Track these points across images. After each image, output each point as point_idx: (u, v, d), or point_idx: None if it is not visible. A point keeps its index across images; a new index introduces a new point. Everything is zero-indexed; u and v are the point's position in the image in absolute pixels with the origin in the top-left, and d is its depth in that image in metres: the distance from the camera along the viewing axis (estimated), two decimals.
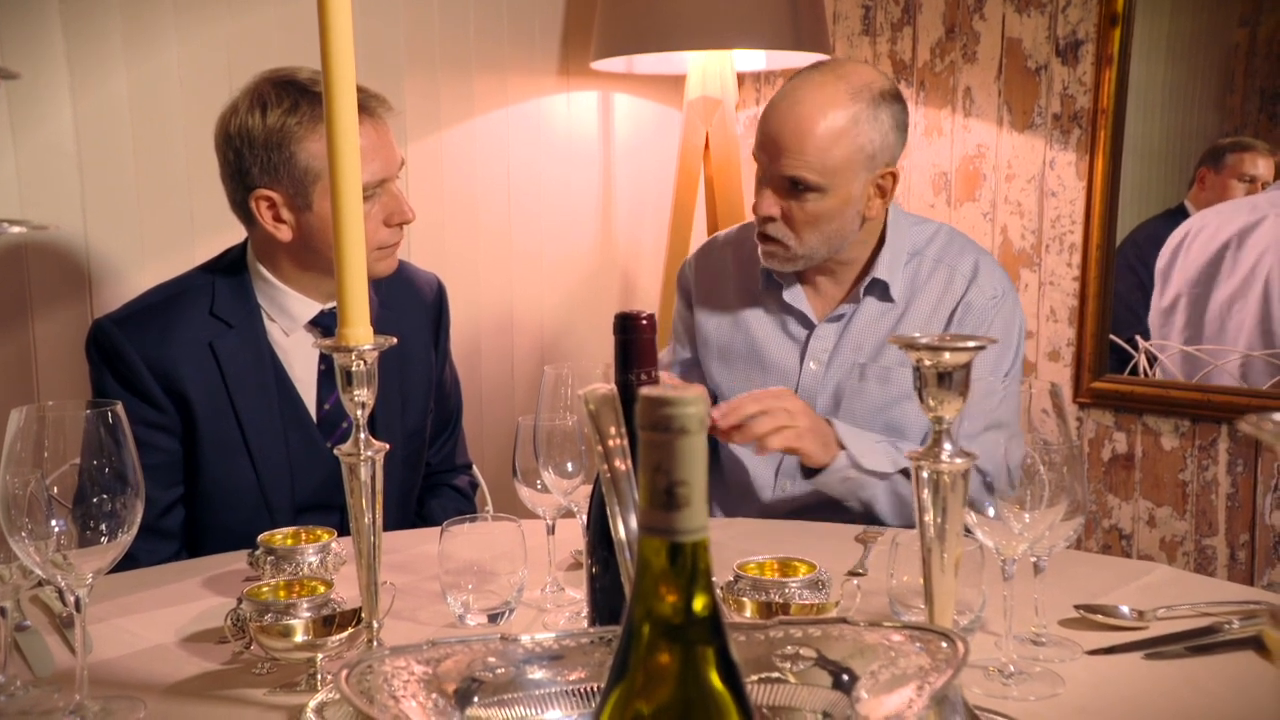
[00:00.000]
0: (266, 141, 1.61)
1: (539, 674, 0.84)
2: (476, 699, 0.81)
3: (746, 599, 1.19)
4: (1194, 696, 1.09)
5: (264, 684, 1.14)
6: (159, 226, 2.15)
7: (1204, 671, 1.14)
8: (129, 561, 1.18)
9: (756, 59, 2.78)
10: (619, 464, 0.81)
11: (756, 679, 0.83)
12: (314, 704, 1.06)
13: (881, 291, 1.84)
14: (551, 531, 1.40)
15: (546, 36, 2.79)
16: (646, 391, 0.53)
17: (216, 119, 1.67)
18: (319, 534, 1.39)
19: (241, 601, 1.15)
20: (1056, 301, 2.63)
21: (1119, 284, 2.57)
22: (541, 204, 2.82)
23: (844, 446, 1.69)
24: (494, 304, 2.76)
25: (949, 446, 0.94)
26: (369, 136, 1.61)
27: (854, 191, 1.75)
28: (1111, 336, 2.58)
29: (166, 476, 1.67)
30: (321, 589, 1.16)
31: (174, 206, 2.17)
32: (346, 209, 1.02)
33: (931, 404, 0.94)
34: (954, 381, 0.93)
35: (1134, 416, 2.56)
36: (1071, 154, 2.57)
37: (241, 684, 1.14)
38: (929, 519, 0.94)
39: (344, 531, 1.30)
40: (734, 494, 1.93)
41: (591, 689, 0.84)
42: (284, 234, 1.66)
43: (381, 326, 1.08)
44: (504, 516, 1.36)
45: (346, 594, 1.17)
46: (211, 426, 1.67)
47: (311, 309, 1.72)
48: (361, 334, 1.05)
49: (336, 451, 1.08)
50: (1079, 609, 1.28)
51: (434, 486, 1.97)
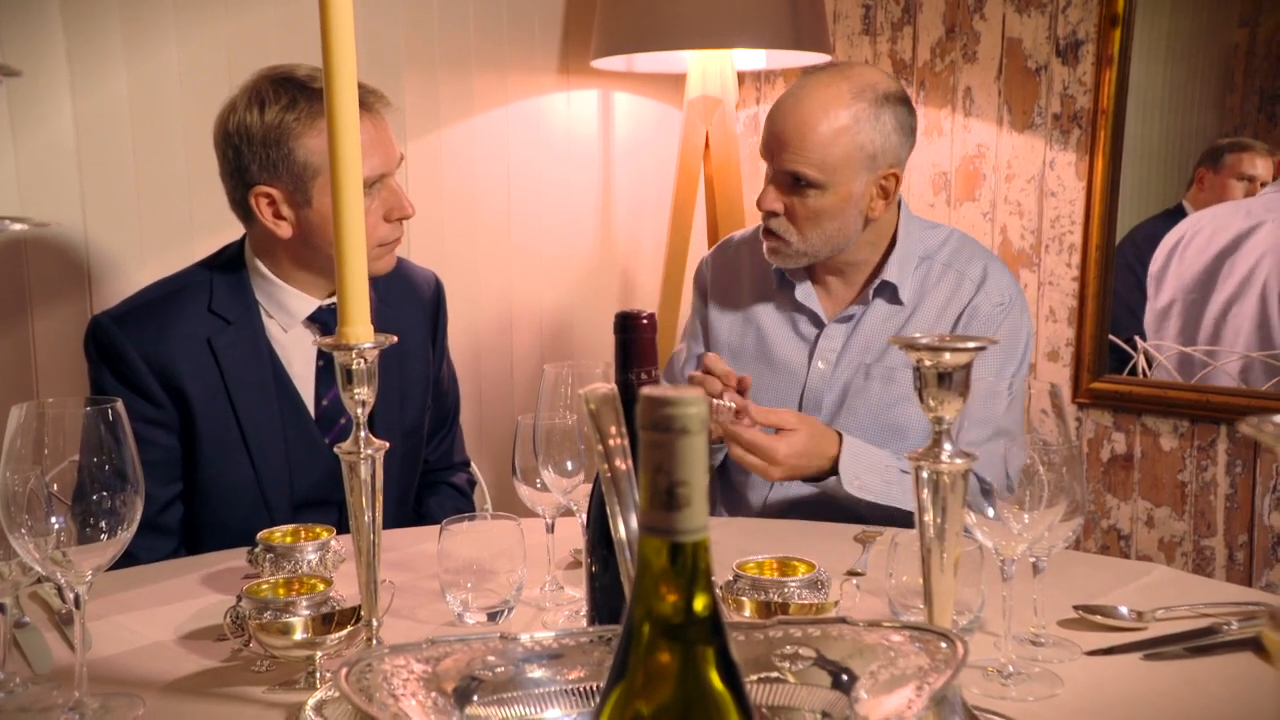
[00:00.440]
0: (265, 138, 1.61)
1: (538, 673, 0.84)
2: (476, 698, 0.81)
3: (746, 598, 1.19)
4: (1193, 697, 1.09)
5: (263, 681, 1.14)
6: (159, 225, 2.15)
7: (1203, 672, 1.14)
8: (127, 558, 1.18)
9: (757, 58, 2.78)
10: (619, 463, 0.81)
11: (756, 679, 0.83)
12: (313, 702, 1.06)
13: (891, 294, 1.85)
14: (551, 530, 1.40)
15: (546, 35, 2.79)
16: (647, 391, 0.53)
17: (215, 117, 1.67)
18: (318, 532, 1.39)
19: (241, 599, 1.15)
20: (1056, 302, 2.63)
21: (1117, 284, 2.57)
22: (541, 202, 2.82)
23: (838, 470, 1.69)
24: (493, 302, 2.76)
25: (949, 447, 0.94)
26: (367, 132, 1.61)
27: (855, 190, 1.77)
28: (1110, 337, 2.58)
29: (165, 473, 1.67)
30: (321, 587, 1.16)
31: (173, 205, 2.17)
32: (347, 207, 1.02)
33: (932, 404, 0.94)
34: (954, 382, 0.93)
35: (1133, 417, 2.56)
36: (1071, 154, 2.57)
37: (240, 681, 1.15)
38: (928, 519, 0.94)
39: (343, 530, 1.30)
40: (736, 489, 1.94)
41: (591, 688, 0.84)
42: (284, 230, 1.66)
43: (380, 324, 1.08)
44: (503, 515, 1.37)
45: (346, 592, 1.17)
46: (210, 423, 1.67)
47: (309, 305, 1.72)
48: (362, 332, 1.05)
49: (336, 449, 1.08)
50: (1078, 609, 1.28)
51: (432, 484, 1.97)
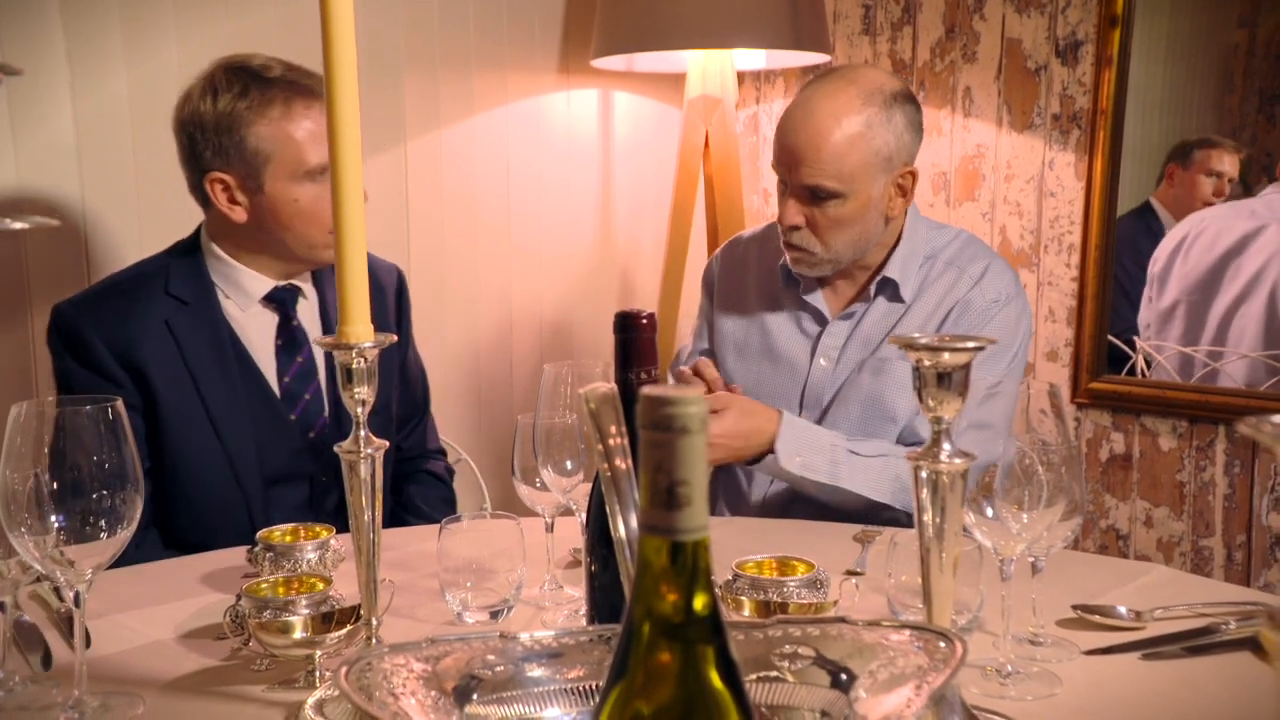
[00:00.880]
0: (217, 126, 1.68)
1: (538, 672, 0.84)
2: (475, 696, 0.82)
3: (745, 598, 1.19)
4: (1191, 697, 1.09)
5: (262, 680, 1.14)
6: (158, 225, 2.15)
7: (1201, 672, 1.14)
8: None
9: (756, 58, 2.78)
10: (619, 463, 0.81)
11: (755, 678, 0.83)
12: (313, 701, 1.06)
13: (892, 291, 1.86)
14: (550, 529, 1.40)
15: (546, 34, 2.79)
16: (648, 391, 0.53)
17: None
18: (318, 531, 1.40)
19: (240, 598, 1.15)
20: (1055, 302, 2.63)
21: None
22: (541, 202, 2.82)
23: (774, 449, 1.69)
24: (493, 302, 2.76)
25: (948, 447, 0.94)
26: (319, 120, 1.68)
27: (874, 193, 1.77)
28: (1110, 338, 2.58)
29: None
30: (320, 586, 1.16)
31: (173, 205, 2.16)
32: (348, 207, 1.02)
33: (931, 404, 0.94)
34: (953, 382, 0.93)
35: (1132, 417, 2.56)
36: (1070, 154, 2.57)
37: (240, 680, 1.15)
38: (927, 519, 0.95)
39: (342, 528, 1.30)
40: (732, 489, 1.95)
41: (590, 687, 0.84)
42: (238, 215, 1.72)
43: None
44: (503, 514, 1.37)
45: (345, 591, 1.17)
46: (174, 402, 1.70)
47: (265, 285, 1.78)
48: (362, 331, 1.05)
49: (336, 449, 1.08)
50: (1076, 609, 1.28)
51: (411, 473, 2.00)
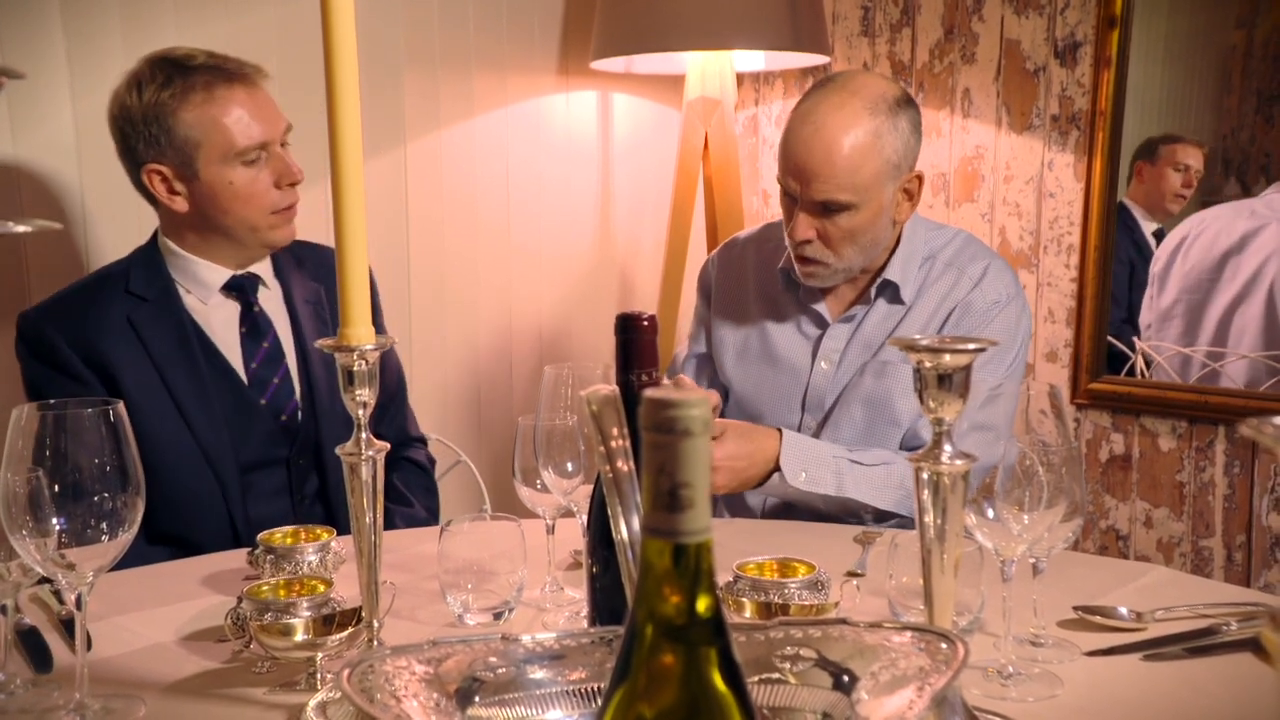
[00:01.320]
0: (145, 117, 1.71)
1: (540, 674, 0.84)
2: (477, 698, 0.82)
3: (746, 599, 1.19)
4: (1192, 698, 1.09)
5: (264, 683, 1.14)
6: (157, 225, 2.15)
7: (1202, 673, 1.14)
8: None
9: (755, 59, 2.78)
10: (621, 465, 0.81)
11: (756, 680, 0.83)
12: (314, 703, 1.06)
13: (892, 293, 1.85)
14: (551, 531, 1.40)
15: (546, 36, 2.79)
16: (651, 393, 0.53)
17: None
18: (319, 533, 1.40)
19: (241, 600, 1.15)
20: (1054, 302, 2.63)
21: None
22: (541, 203, 2.82)
23: (779, 467, 1.69)
24: (493, 303, 2.76)
25: (949, 448, 0.94)
26: (245, 103, 1.71)
27: (884, 201, 1.77)
28: (1109, 338, 2.58)
29: None
30: (321, 588, 1.16)
31: None
32: (348, 207, 1.02)
33: (932, 405, 0.94)
34: (954, 383, 0.93)
35: (1131, 418, 2.56)
36: (1070, 155, 2.58)
37: (241, 683, 1.15)
38: (929, 520, 0.95)
39: (343, 530, 1.31)
40: (733, 496, 1.94)
41: (592, 689, 0.84)
42: (179, 205, 1.75)
43: (304, 294, 1.08)
44: (503, 516, 1.37)
45: (346, 593, 1.17)
46: (142, 396, 1.71)
47: (222, 275, 1.80)
48: (363, 333, 1.05)
49: (338, 451, 1.08)
50: (1077, 610, 1.28)
51: (392, 461, 2.00)
